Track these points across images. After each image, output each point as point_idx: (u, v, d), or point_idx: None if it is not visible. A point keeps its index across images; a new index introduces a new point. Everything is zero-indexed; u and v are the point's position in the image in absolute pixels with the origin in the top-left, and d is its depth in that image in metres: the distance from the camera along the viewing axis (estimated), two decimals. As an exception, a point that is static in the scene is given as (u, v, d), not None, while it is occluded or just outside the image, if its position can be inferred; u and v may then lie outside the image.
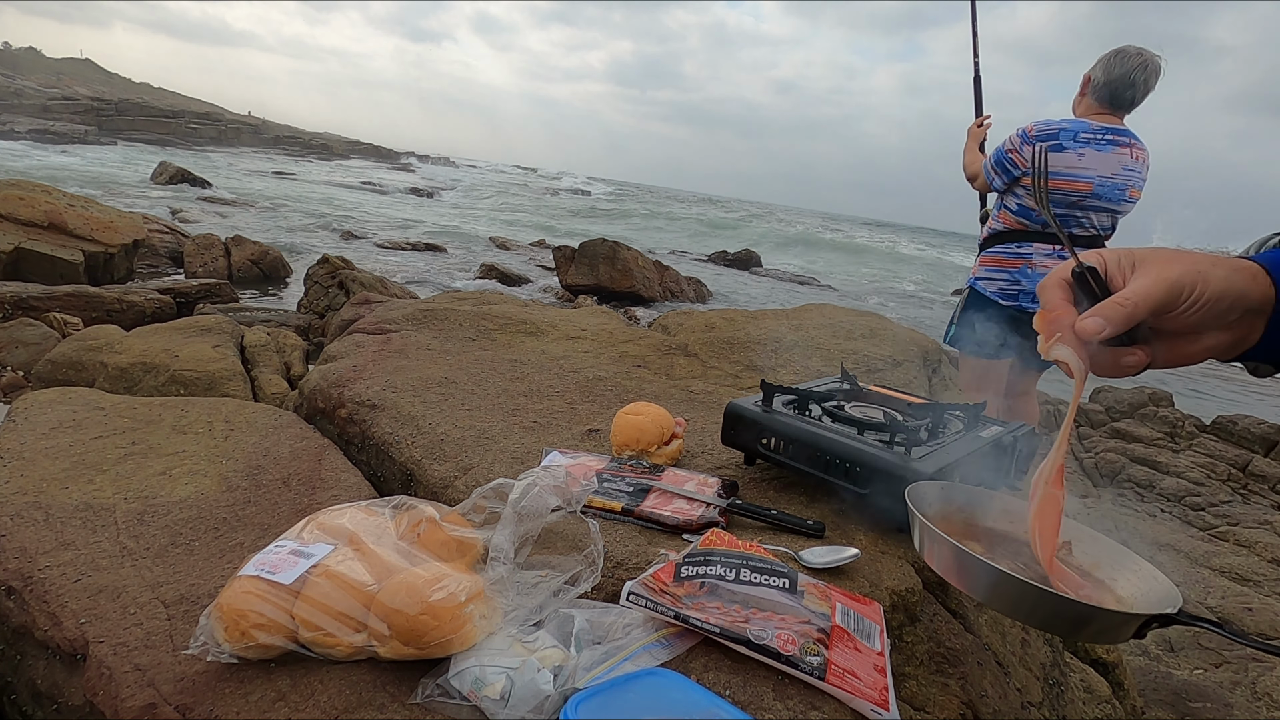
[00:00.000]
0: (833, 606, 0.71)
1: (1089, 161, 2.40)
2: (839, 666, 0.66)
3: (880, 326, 1.99)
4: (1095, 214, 2.46)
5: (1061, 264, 0.59)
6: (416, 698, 0.64)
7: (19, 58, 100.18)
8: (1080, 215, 2.46)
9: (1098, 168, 2.40)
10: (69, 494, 0.99)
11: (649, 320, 5.62)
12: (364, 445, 1.26)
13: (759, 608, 0.71)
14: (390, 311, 1.98)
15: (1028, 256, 2.51)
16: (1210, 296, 0.54)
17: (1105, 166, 2.40)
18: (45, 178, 9.95)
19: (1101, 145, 2.41)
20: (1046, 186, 0.77)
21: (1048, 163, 2.55)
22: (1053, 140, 2.44)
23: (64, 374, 2.53)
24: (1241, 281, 0.55)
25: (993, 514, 0.78)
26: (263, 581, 0.69)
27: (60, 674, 0.75)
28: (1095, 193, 2.41)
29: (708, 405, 1.45)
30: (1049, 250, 2.50)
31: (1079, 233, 2.48)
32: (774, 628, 0.68)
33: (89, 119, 33.77)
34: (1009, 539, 0.75)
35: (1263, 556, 2.95)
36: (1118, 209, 2.47)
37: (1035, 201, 3.07)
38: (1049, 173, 2.42)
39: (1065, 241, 0.65)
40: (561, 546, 0.88)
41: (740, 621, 0.69)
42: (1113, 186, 2.42)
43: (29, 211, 5.19)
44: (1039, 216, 2.49)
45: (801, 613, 0.70)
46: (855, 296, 13.42)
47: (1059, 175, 2.43)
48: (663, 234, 21.45)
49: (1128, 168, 2.41)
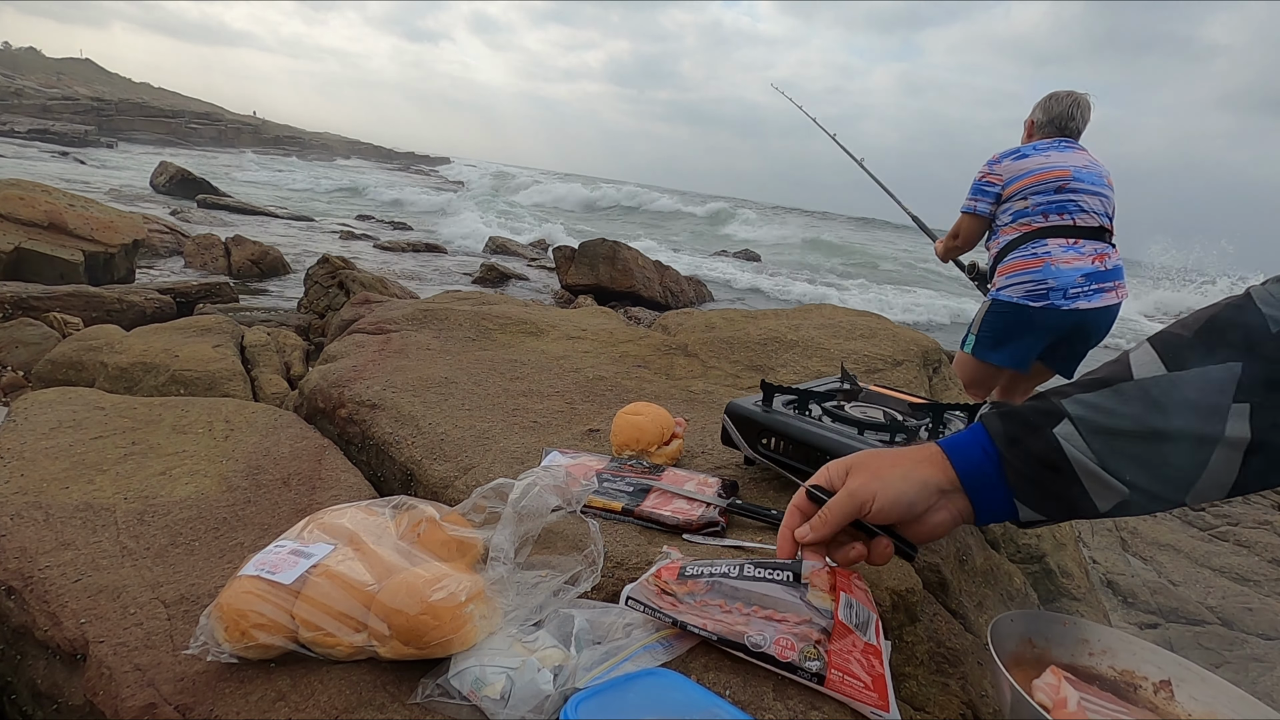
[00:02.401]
0: (837, 597, 0.69)
1: (1056, 158, 2.53)
2: (838, 670, 0.65)
3: (880, 326, 1.99)
4: (1085, 196, 2.49)
5: (799, 489, 0.70)
6: (416, 698, 0.64)
7: (19, 57, 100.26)
8: (1071, 197, 2.48)
9: (1066, 160, 2.52)
10: (69, 494, 0.99)
11: (649, 320, 5.62)
12: (364, 445, 1.26)
13: (761, 605, 0.71)
14: (390, 311, 1.98)
15: (1046, 254, 2.48)
16: (886, 502, 0.63)
17: (1073, 160, 2.52)
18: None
19: (1062, 149, 2.57)
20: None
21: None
22: (1015, 151, 2.60)
23: (64, 374, 2.53)
24: (922, 475, 0.63)
25: (1072, 646, 0.71)
26: (263, 581, 0.69)
27: (60, 674, 0.75)
28: (1075, 176, 2.49)
29: (708, 405, 1.45)
30: (1065, 245, 2.48)
31: (1081, 221, 2.49)
32: (773, 631, 0.68)
33: (89, 119, 33.78)
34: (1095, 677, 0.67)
35: (1263, 556, 2.95)
36: (1103, 192, 2.52)
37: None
38: (1028, 172, 2.54)
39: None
40: (561, 546, 0.88)
41: (739, 625, 0.69)
42: (1088, 173, 2.51)
43: (29, 211, 5.19)
44: (1035, 209, 2.53)
45: (803, 610, 0.69)
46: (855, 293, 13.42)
47: (1035, 171, 2.52)
48: (663, 234, 21.45)
49: (1092, 164, 2.54)
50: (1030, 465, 0.60)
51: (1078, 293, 2.43)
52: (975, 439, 0.64)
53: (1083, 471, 0.58)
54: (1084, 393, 0.59)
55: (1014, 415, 0.63)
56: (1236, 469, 0.54)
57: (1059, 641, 0.71)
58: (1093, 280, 2.44)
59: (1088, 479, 0.58)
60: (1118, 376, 0.58)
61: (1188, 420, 0.54)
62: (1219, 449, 0.54)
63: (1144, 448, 0.56)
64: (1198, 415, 0.54)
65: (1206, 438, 0.54)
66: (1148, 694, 0.66)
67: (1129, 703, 0.64)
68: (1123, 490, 0.57)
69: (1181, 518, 3.50)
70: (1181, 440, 0.55)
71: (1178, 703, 0.63)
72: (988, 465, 0.62)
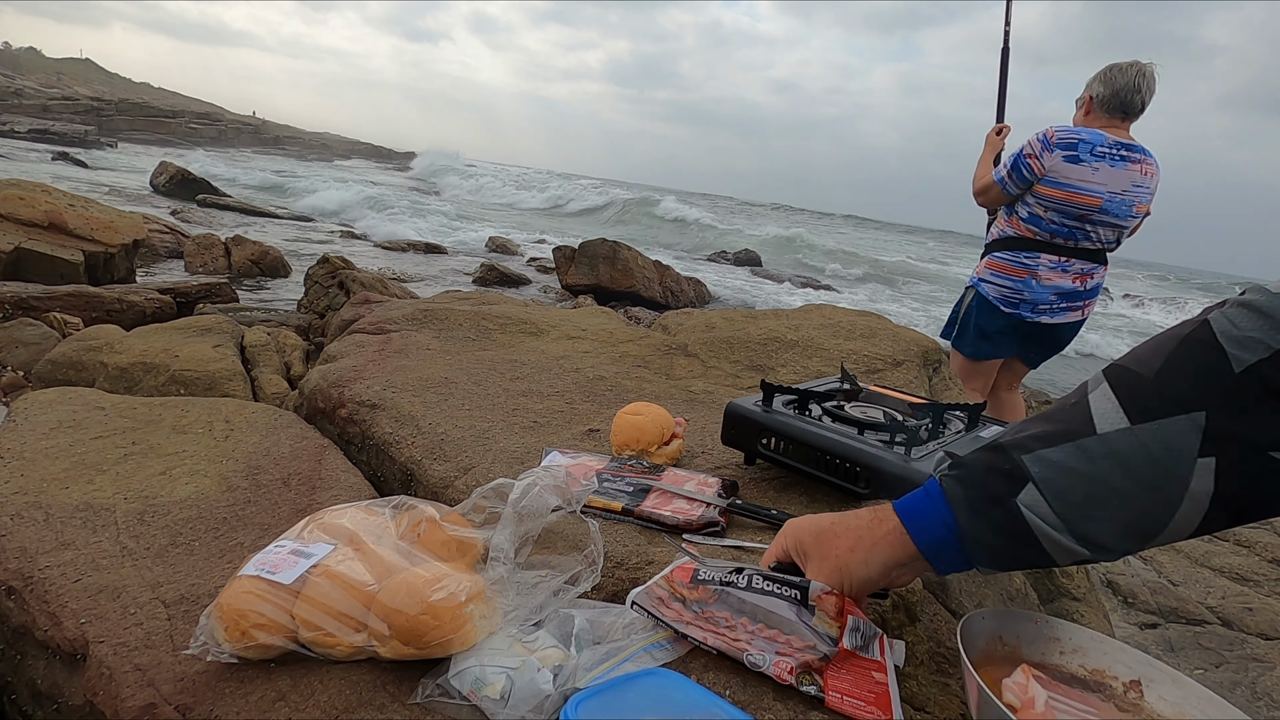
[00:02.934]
0: (844, 623, 0.68)
1: (1102, 177, 2.46)
2: (837, 692, 0.65)
3: (880, 326, 1.99)
4: (1101, 228, 2.54)
5: (762, 560, 0.76)
6: (416, 698, 0.64)
7: (19, 58, 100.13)
8: (1088, 229, 2.53)
9: (1109, 184, 2.46)
10: (69, 494, 0.99)
11: (649, 320, 5.62)
12: (364, 445, 1.26)
13: (766, 622, 0.70)
14: (390, 311, 1.99)
15: (1034, 268, 2.59)
16: (853, 590, 0.68)
17: (1116, 183, 2.46)
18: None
19: (1115, 161, 2.46)
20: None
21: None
22: (1071, 150, 2.47)
23: (64, 374, 2.53)
24: (881, 557, 0.67)
25: (1043, 645, 0.71)
26: (263, 581, 0.69)
27: (60, 674, 0.75)
28: (1103, 208, 2.48)
29: (708, 405, 1.45)
30: (1055, 262, 2.58)
31: (1086, 245, 2.57)
32: (774, 653, 0.67)
33: (89, 119, 33.77)
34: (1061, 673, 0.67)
35: (1263, 556, 2.95)
36: (1123, 224, 2.54)
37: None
38: (1066, 186, 2.49)
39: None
40: (561, 546, 0.88)
41: (741, 644, 0.69)
42: (1121, 203, 2.49)
43: (29, 211, 5.19)
44: (1048, 225, 2.55)
45: (806, 635, 0.68)
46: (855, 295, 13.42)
47: (1072, 188, 2.48)
48: (662, 234, 21.42)
49: (1137, 184, 2.49)
50: (991, 534, 0.61)
51: (1045, 309, 2.63)
52: (935, 510, 0.64)
53: (1044, 537, 0.58)
54: (1046, 448, 0.58)
55: (974, 481, 0.63)
56: (1199, 519, 0.54)
57: (1030, 640, 0.71)
58: (1063, 299, 2.62)
59: (1048, 543, 0.58)
60: (1079, 429, 0.57)
61: (1153, 478, 0.54)
62: (1183, 504, 0.53)
63: (1108, 509, 0.56)
64: (1162, 473, 0.53)
65: (1171, 497, 0.53)
66: (1118, 693, 0.66)
67: (1098, 702, 0.64)
68: (1083, 552, 0.58)
69: (1181, 518, 3.51)
70: (1146, 499, 0.54)
71: (1147, 703, 0.63)
72: (948, 537, 0.63)
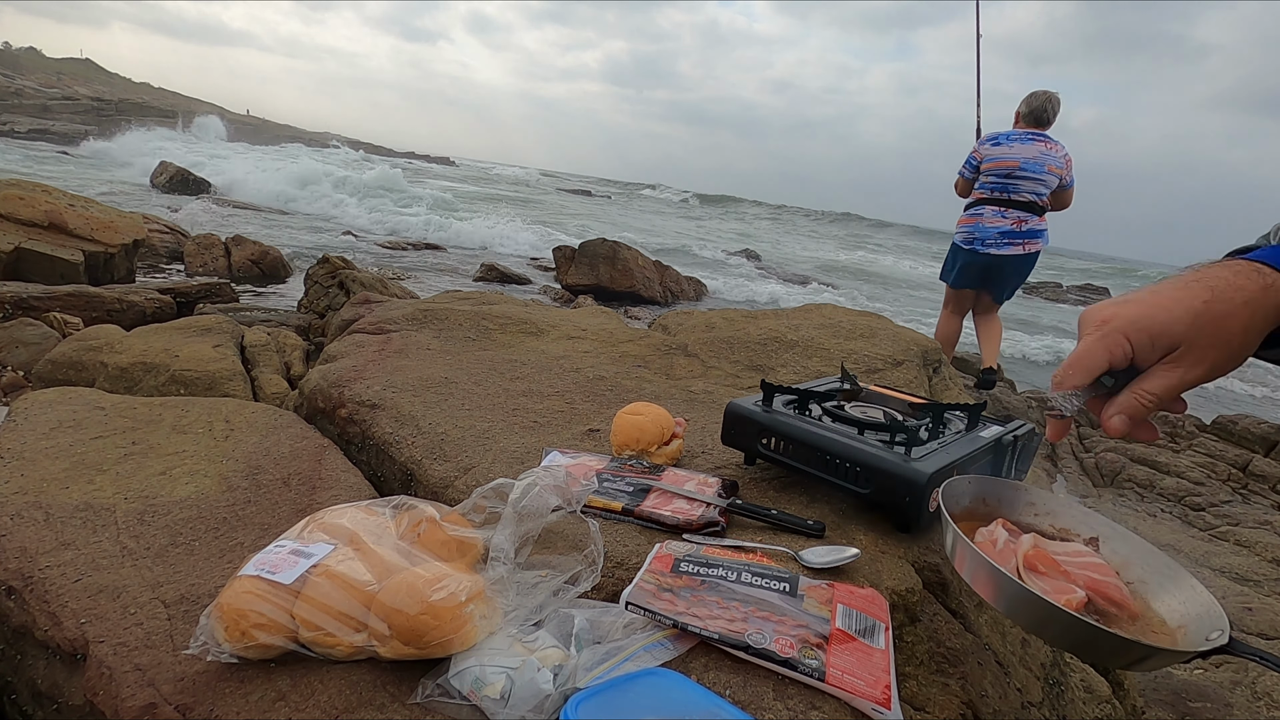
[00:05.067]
0: (833, 610, 0.71)
1: (1016, 149, 3.75)
2: (838, 668, 0.66)
3: (880, 326, 1.99)
4: (1025, 181, 3.73)
5: (1091, 365, 0.57)
6: (416, 697, 0.64)
7: (19, 57, 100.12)
8: (1013, 182, 3.75)
9: (1023, 153, 3.73)
10: (69, 494, 0.99)
11: (649, 320, 5.62)
12: (364, 445, 1.26)
13: (758, 607, 0.71)
14: (390, 311, 1.98)
15: (981, 214, 3.87)
16: (1226, 372, 0.55)
17: (1028, 152, 3.73)
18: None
19: (1025, 140, 3.77)
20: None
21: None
22: (994, 139, 3.85)
23: (64, 374, 2.52)
24: (1263, 326, 0.54)
25: (1020, 507, 0.79)
26: (263, 581, 0.69)
27: (60, 674, 0.75)
28: (1022, 167, 3.73)
29: (708, 405, 1.45)
30: (995, 210, 3.82)
31: (1017, 199, 3.77)
32: (772, 631, 0.68)
33: (89, 119, 33.75)
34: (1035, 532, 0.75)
35: (1263, 556, 2.95)
36: (1040, 178, 3.71)
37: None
38: (992, 158, 3.81)
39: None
40: (561, 546, 0.88)
41: (739, 624, 0.69)
42: (1033, 164, 3.71)
43: (29, 211, 5.18)
44: (987, 185, 3.83)
45: (800, 617, 0.70)
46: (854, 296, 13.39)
47: (996, 159, 3.79)
48: (662, 233, 21.41)
49: (1044, 153, 3.72)
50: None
51: (992, 243, 3.82)
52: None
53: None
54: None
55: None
56: None
57: (1009, 503, 0.80)
58: (1005, 237, 3.79)
59: None
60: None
61: None
62: None
63: None
64: None
65: None
66: (1078, 546, 0.74)
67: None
68: None
69: (1181, 518, 3.50)
70: None
71: (1101, 555, 0.72)
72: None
